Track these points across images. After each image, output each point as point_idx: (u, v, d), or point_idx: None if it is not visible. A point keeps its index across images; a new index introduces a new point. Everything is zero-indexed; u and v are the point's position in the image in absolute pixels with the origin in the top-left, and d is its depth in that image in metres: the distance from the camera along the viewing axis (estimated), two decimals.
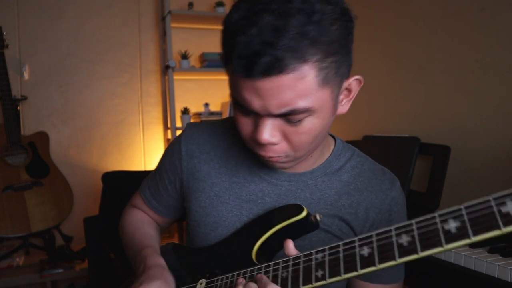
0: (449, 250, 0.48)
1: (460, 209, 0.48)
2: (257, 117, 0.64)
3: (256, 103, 0.60)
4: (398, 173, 1.58)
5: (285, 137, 0.65)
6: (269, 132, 0.63)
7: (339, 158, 0.82)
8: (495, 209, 0.45)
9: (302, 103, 0.59)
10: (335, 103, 0.67)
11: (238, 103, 0.64)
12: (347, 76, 0.66)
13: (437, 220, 0.49)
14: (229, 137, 0.85)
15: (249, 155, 0.81)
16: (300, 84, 0.58)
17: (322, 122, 0.65)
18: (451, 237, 0.47)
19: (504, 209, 0.44)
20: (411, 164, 1.56)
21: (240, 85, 0.60)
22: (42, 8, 2.73)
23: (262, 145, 0.66)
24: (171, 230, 2.89)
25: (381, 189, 0.80)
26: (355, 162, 0.83)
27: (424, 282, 1.21)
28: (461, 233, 0.47)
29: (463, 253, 1.08)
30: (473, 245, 1.12)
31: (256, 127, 0.64)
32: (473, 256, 1.05)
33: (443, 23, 1.62)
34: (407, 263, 0.55)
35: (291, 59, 0.55)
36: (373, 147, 1.78)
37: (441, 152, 1.51)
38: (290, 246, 0.64)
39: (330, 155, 0.82)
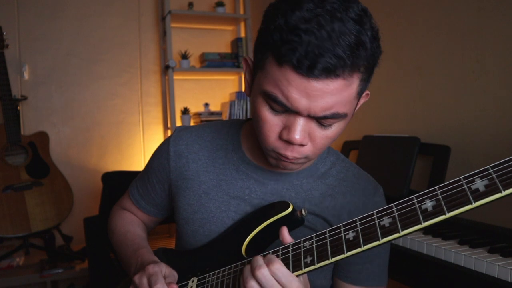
0: (428, 227, 0.53)
1: (434, 190, 0.53)
2: (291, 117, 0.65)
3: (301, 103, 0.61)
4: (398, 173, 1.58)
5: (311, 139, 0.67)
6: (302, 133, 0.65)
7: (324, 161, 0.85)
8: (465, 186, 0.51)
9: (342, 109, 0.64)
10: (354, 112, 0.71)
11: (274, 100, 0.63)
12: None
13: (415, 201, 0.54)
14: (217, 140, 0.87)
15: (236, 156, 0.84)
16: (346, 91, 0.62)
17: (343, 128, 0.69)
18: (428, 214, 0.52)
19: (473, 187, 0.50)
20: (411, 164, 1.56)
21: (289, 82, 0.61)
22: (42, 8, 2.73)
23: (288, 145, 0.67)
24: (171, 230, 2.89)
25: (364, 194, 0.83)
26: (341, 167, 0.86)
27: (424, 282, 1.21)
28: (437, 210, 0.52)
29: (463, 253, 1.08)
30: (473, 245, 1.12)
31: (289, 126, 0.65)
32: (473, 256, 1.05)
33: (443, 22, 1.62)
34: (406, 263, 0.56)
35: (349, 66, 0.59)
36: (373, 147, 1.78)
37: (441, 152, 1.51)
38: (285, 233, 0.67)
39: (316, 158, 0.84)
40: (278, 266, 0.60)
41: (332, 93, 0.61)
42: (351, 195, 0.83)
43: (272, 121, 0.66)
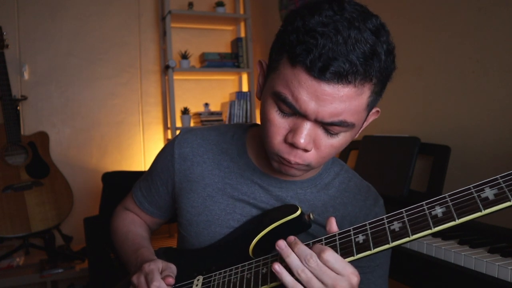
0: (437, 232, 0.55)
1: (445, 197, 0.55)
2: (298, 120, 0.65)
3: (310, 105, 0.61)
4: (398, 173, 1.58)
5: (316, 146, 0.67)
6: (307, 137, 0.64)
7: (329, 172, 0.86)
8: (475, 195, 0.52)
9: (350, 118, 0.63)
10: (362, 126, 0.70)
11: (283, 101, 0.63)
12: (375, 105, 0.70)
13: (425, 207, 0.56)
14: (222, 144, 0.87)
15: (242, 161, 0.84)
16: (357, 100, 0.62)
17: (349, 140, 0.69)
18: (438, 220, 0.54)
19: (483, 195, 0.52)
20: (411, 164, 1.56)
21: (300, 84, 0.61)
22: (42, 8, 2.73)
23: (292, 149, 0.67)
24: (171, 230, 2.89)
25: (365, 204, 0.84)
26: (343, 178, 0.86)
27: (424, 282, 1.21)
28: (447, 217, 0.54)
29: (463, 253, 1.08)
30: (473, 245, 1.12)
31: (294, 130, 0.65)
32: (473, 256, 1.05)
33: (443, 22, 1.62)
34: (406, 263, 0.57)
35: (362, 74, 0.60)
36: (373, 147, 1.78)
37: (441, 152, 1.51)
38: (333, 222, 0.65)
39: (321, 168, 0.85)
40: (330, 253, 0.59)
41: (342, 100, 0.61)
42: (352, 205, 0.84)
43: (279, 123, 0.66)
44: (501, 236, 1.19)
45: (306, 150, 0.66)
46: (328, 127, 0.64)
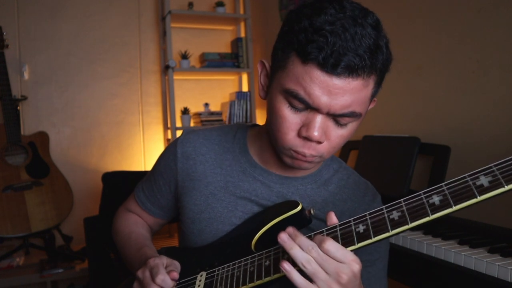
0: (436, 219, 0.56)
1: (441, 186, 0.57)
2: (310, 114, 0.68)
3: (323, 100, 0.65)
4: (398, 173, 1.58)
5: (327, 138, 0.71)
6: (320, 130, 0.68)
7: (328, 168, 0.88)
8: (470, 182, 0.54)
9: (359, 108, 0.68)
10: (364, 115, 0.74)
11: (295, 97, 0.66)
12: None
13: (423, 196, 0.58)
14: (224, 143, 0.89)
15: (243, 159, 0.86)
16: (363, 91, 0.67)
17: (355, 129, 0.73)
18: (435, 208, 0.56)
19: (478, 182, 0.54)
20: (411, 164, 1.56)
21: (313, 80, 0.64)
22: (42, 8, 2.73)
23: (306, 142, 0.70)
24: (171, 230, 2.89)
25: (364, 200, 0.86)
26: (342, 175, 0.89)
27: (424, 282, 1.21)
28: (444, 204, 0.55)
29: (463, 253, 1.08)
30: (473, 245, 1.12)
31: (307, 124, 0.68)
32: (473, 256, 1.05)
33: (443, 22, 1.62)
34: (406, 263, 0.57)
35: (369, 67, 0.64)
36: (373, 147, 1.78)
37: (441, 152, 1.51)
38: (333, 216, 0.67)
39: (321, 164, 0.87)
40: (331, 243, 0.60)
41: (352, 92, 0.65)
42: (352, 201, 0.85)
43: (291, 119, 0.69)
44: (501, 236, 1.19)
45: (319, 142, 0.70)
46: (338, 118, 0.68)
